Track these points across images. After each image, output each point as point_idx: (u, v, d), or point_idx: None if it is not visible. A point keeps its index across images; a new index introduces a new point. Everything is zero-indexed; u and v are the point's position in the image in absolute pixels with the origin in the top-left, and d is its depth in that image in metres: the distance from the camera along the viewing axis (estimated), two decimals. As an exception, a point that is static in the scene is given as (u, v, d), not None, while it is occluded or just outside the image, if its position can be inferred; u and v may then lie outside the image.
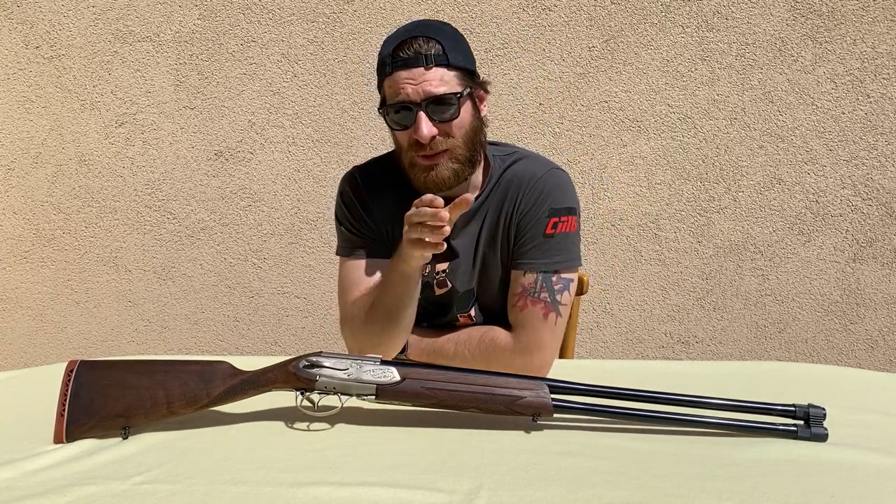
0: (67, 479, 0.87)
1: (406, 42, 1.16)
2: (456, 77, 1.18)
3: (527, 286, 1.25)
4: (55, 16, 2.32)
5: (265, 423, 1.03)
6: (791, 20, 2.18)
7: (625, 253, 2.34)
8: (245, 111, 2.34)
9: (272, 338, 2.49)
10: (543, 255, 1.26)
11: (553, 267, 1.25)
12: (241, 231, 2.41)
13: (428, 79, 1.15)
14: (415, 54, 1.15)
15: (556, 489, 0.85)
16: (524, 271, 1.26)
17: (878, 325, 2.34)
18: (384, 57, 1.19)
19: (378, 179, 1.37)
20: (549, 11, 2.22)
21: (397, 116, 1.19)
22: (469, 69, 1.21)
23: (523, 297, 1.25)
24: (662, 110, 2.25)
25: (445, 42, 1.17)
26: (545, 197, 1.26)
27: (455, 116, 1.19)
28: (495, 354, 1.24)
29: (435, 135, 1.18)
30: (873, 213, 2.27)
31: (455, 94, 1.17)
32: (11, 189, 2.43)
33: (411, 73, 1.15)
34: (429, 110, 1.16)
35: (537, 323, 1.24)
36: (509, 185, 1.29)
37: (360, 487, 0.85)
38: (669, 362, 1.65)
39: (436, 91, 1.16)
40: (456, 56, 1.18)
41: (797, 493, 0.85)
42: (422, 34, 1.17)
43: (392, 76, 1.17)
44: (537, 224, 1.26)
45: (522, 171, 1.30)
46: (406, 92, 1.16)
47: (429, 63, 1.15)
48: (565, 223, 1.27)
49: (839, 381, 1.28)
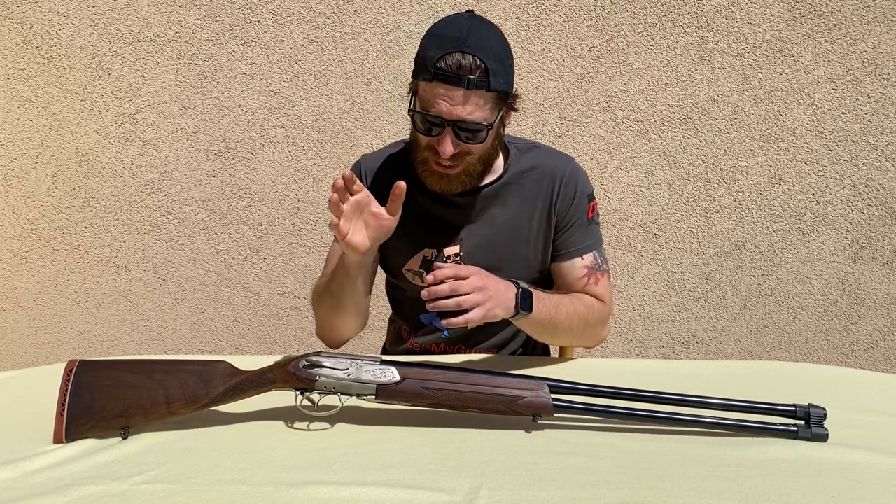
0: (67, 479, 0.87)
1: (452, 55, 1.16)
2: (492, 101, 1.20)
3: (591, 265, 1.37)
4: (55, 16, 2.32)
5: (265, 423, 1.03)
6: (791, 20, 2.18)
7: (625, 253, 2.34)
8: (245, 111, 2.34)
9: (272, 338, 2.49)
10: (591, 236, 1.39)
11: (599, 244, 1.40)
12: (241, 231, 2.41)
13: (464, 103, 1.17)
14: (458, 72, 1.15)
15: (556, 489, 0.85)
16: (582, 255, 1.37)
17: (878, 325, 2.34)
18: (427, 59, 1.18)
19: (382, 174, 1.40)
20: (549, 11, 2.22)
21: (425, 125, 1.22)
22: (507, 92, 1.23)
23: (593, 275, 1.37)
24: (662, 110, 2.25)
25: (491, 64, 1.17)
26: (581, 187, 1.37)
27: (482, 141, 1.22)
28: (596, 316, 1.35)
29: (456, 152, 1.22)
30: (873, 213, 2.26)
31: (487, 125, 1.20)
32: (11, 189, 2.43)
33: (450, 93, 1.17)
34: (457, 132, 1.19)
35: (608, 287, 1.40)
36: (540, 178, 1.36)
37: (359, 487, 0.85)
38: (669, 362, 1.65)
39: (469, 118, 1.18)
40: (497, 80, 1.18)
41: (797, 493, 0.85)
42: (470, 51, 1.16)
43: (431, 84, 1.18)
44: (582, 212, 1.37)
45: (552, 167, 1.37)
46: (440, 108, 1.18)
47: (470, 86, 1.16)
48: (595, 205, 1.41)
49: (839, 381, 1.28)
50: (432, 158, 1.24)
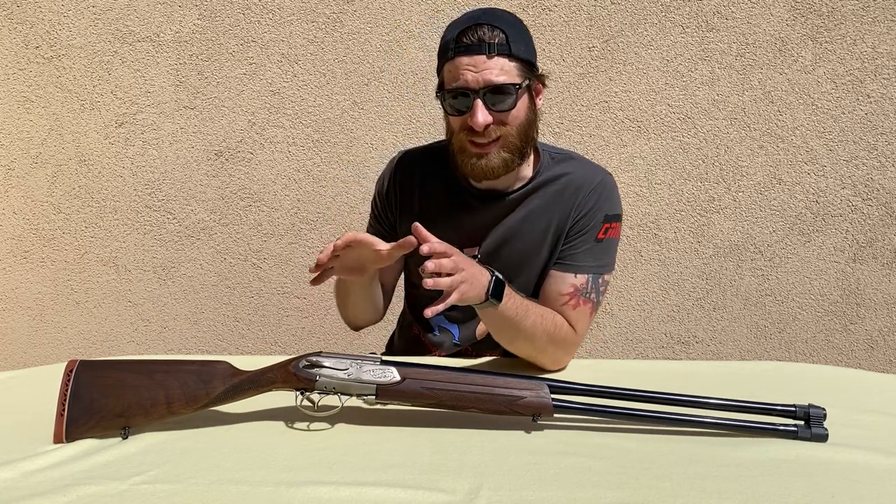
0: (67, 479, 0.87)
1: (470, 28, 1.17)
2: (516, 68, 1.19)
3: (578, 286, 1.29)
4: (55, 16, 2.32)
5: (265, 423, 1.03)
6: (791, 20, 2.18)
7: (625, 253, 2.34)
8: (245, 111, 2.34)
9: (272, 338, 2.49)
10: (595, 258, 1.30)
11: (602, 271, 1.31)
12: (241, 231, 2.41)
13: (489, 67, 1.17)
14: (478, 41, 1.16)
15: (556, 489, 0.85)
16: (575, 273, 1.29)
17: (878, 325, 2.34)
18: (447, 41, 1.20)
19: (421, 170, 1.39)
20: (549, 11, 2.22)
21: (455, 101, 1.20)
22: (530, 61, 1.23)
23: (576, 297, 1.28)
24: (662, 110, 2.25)
25: (509, 31, 1.17)
26: (602, 202, 1.30)
27: (512, 107, 1.20)
28: (561, 337, 1.26)
29: (490, 123, 1.19)
30: (873, 213, 2.26)
31: (514, 84, 1.19)
32: (11, 189, 2.43)
33: (473, 60, 1.17)
34: (486, 99, 1.18)
35: (587, 319, 1.30)
36: (565, 188, 1.31)
37: (359, 487, 0.85)
38: (669, 362, 1.65)
39: (496, 80, 1.17)
40: (518, 47, 1.18)
41: (797, 493, 0.85)
42: (487, 22, 1.17)
43: (454, 61, 1.18)
44: (592, 229, 1.30)
45: (580, 176, 1.32)
46: (465, 78, 1.17)
47: (491, 52, 1.16)
48: (614, 230, 1.32)
49: (839, 381, 1.28)
50: (468, 139, 1.22)
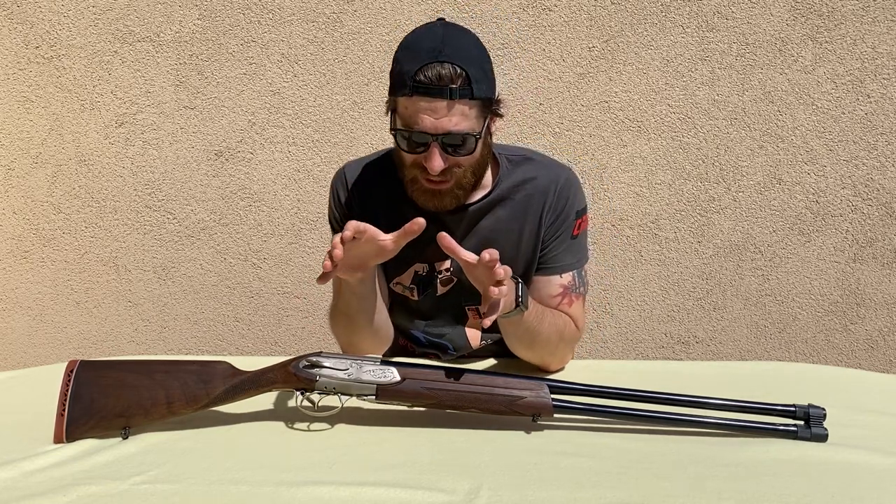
0: (67, 479, 0.87)
1: (431, 66, 1.09)
2: (476, 109, 1.14)
3: (567, 285, 1.32)
4: (55, 16, 2.32)
5: (265, 423, 1.03)
6: (791, 20, 2.18)
7: (625, 253, 2.34)
8: (245, 111, 2.34)
9: (272, 338, 2.49)
10: (573, 254, 1.34)
11: (583, 263, 1.36)
12: (241, 231, 2.41)
13: (449, 116, 1.11)
14: (438, 83, 1.09)
15: (556, 489, 0.85)
16: (560, 273, 1.32)
17: (878, 325, 2.34)
18: (404, 74, 1.11)
19: (367, 184, 1.34)
20: (549, 11, 2.22)
21: (410, 143, 1.15)
22: (490, 98, 1.18)
23: (567, 295, 1.32)
24: (662, 110, 2.25)
25: (471, 70, 1.11)
26: (572, 201, 1.33)
27: (471, 153, 1.16)
28: (569, 334, 1.30)
29: (446, 168, 1.15)
30: (873, 213, 2.27)
31: (474, 134, 1.14)
32: (11, 189, 2.43)
33: (432, 106, 1.10)
34: (444, 145, 1.13)
35: (582, 311, 1.35)
36: (532, 195, 1.30)
37: (359, 487, 0.85)
38: (669, 362, 1.65)
39: (455, 129, 1.12)
40: (480, 87, 1.13)
41: (797, 493, 0.85)
42: (448, 59, 1.10)
43: (411, 98, 1.11)
44: (567, 228, 1.32)
45: (544, 179, 1.31)
46: (424, 124, 1.11)
47: (452, 96, 1.10)
48: (585, 221, 1.36)
49: (839, 381, 1.28)
50: (421, 176, 1.18)
